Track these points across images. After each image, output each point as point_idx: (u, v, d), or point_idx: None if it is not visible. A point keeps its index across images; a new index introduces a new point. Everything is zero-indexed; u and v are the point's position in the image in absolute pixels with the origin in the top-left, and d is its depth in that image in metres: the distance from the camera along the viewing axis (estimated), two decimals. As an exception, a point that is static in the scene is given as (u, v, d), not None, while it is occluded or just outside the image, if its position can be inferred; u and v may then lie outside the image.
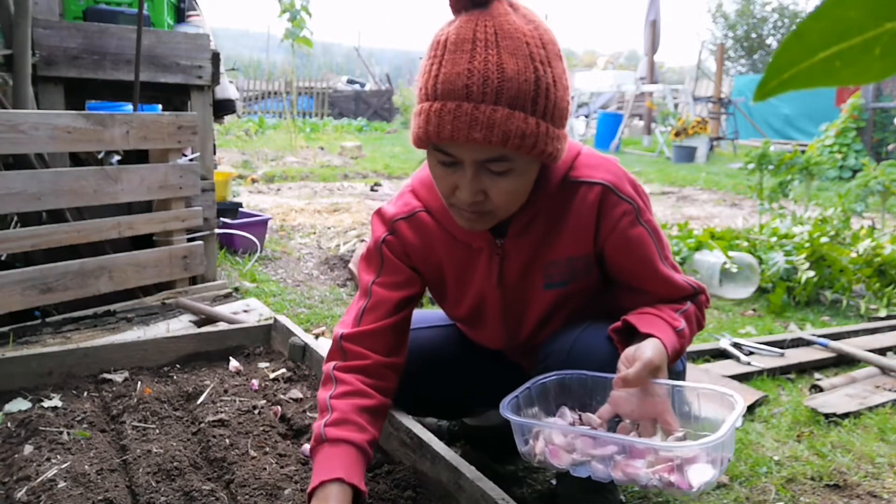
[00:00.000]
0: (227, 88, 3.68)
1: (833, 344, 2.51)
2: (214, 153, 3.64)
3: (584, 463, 1.12)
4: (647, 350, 1.14)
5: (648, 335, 1.18)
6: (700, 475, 1.05)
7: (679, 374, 1.41)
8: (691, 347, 2.53)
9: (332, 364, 1.33)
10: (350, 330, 1.34)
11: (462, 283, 1.39)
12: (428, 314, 1.68)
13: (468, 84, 1.06)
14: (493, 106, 1.06)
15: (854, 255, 3.36)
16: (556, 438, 1.14)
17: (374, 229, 1.39)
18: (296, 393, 1.82)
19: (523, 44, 1.08)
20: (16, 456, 1.44)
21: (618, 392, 1.14)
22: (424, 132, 1.11)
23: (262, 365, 2.01)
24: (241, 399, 1.74)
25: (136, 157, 3.03)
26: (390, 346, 1.34)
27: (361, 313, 1.35)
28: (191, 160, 2.91)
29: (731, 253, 3.38)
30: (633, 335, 1.23)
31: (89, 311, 2.57)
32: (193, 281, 2.94)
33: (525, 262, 1.32)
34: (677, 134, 10.87)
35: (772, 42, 24.52)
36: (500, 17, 1.09)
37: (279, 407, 1.72)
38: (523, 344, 1.45)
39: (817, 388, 2.19)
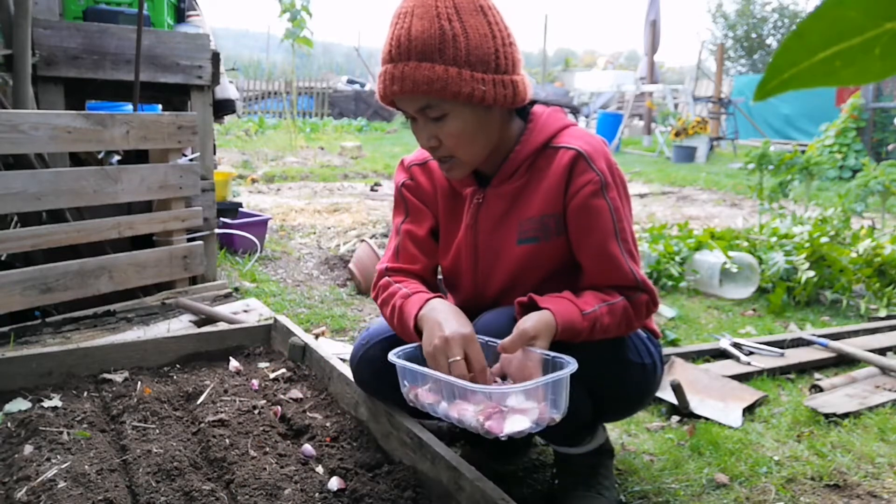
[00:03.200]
0: (227, 88, 3.68)
1: (833, 344, 2.51)
2: (214, 153, 3.64)
3: (437, 404, 1.27)
4: (527, 321, 1.25)
5: (544, 309, 1.28)
6: (514, 425, 1.18)
7: (641, 366, 1.44)
8: (691, 347, 2.53)
9: (382, 281, 1.50)
10: (392, 264, 1.52)
11: (450, 231, 1.51)
12: None
13: (390, 50, 1.29)
14: (406, 63, 1.26)
15: (854, 255, 3.36)
16: (425, 388, 1.30)
17: (396, 176, 1.58)
18: (296, 393, 1.82)
19: (432, 7, 1.27)
20: (16, 456, 1.44)
21: (505, 356, 1.28)
22: (377, 95, 1.34)
23: (262, 365, 2.01)
24: (241, 399, 1.74)
25: (136, 157, 3.03)
26: (426, 277, 1.52)
27: (397, 250, 1.53)
28: (191, 160, 2.91)
29: (731, 253, 3.38)
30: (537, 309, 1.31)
31: (89, 311, 2.57)
32: (193, 281, 2.94)
33: (501, 212, 1.43)
34: (677, 134, 10.87)
35: (772, 42, 24.52)
36: None
37: (279, 407, 1.72)
38: (490, 305, 1.48)
39: (817, 388, 2.19)
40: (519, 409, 1.20)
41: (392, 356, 1.32)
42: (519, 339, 1.24)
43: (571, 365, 1.21)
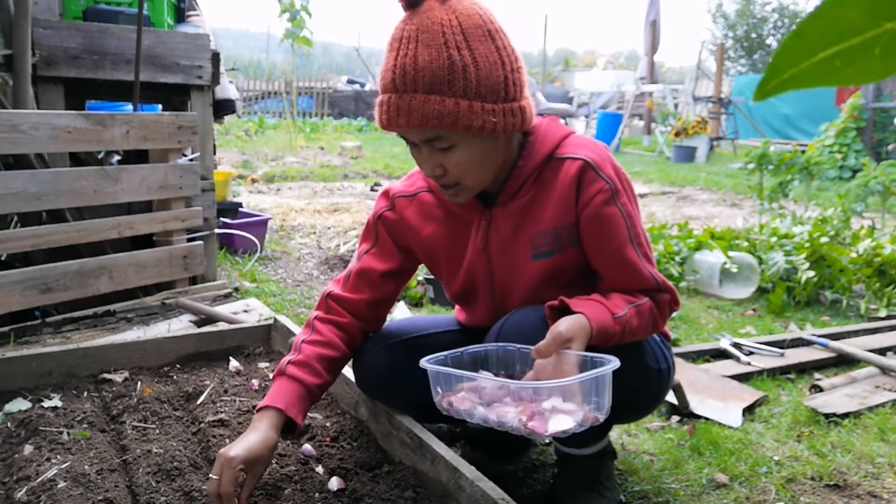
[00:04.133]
0: (227, 88, 3.68)
1: (833, 344, 2.51)
2: (214, 153, 3.64)
3: (474, 409, 1.26)
4: (561, 324, 1.22)
5: (577, 313, 1.26)
6: (557, 424, 1.17)
7: (658, 371, 1.43)
8: (691, 347, 2.53)
9: (315, 314, 1.52)
10: (337, 291, 1.52)
11: (456, 257, 1.48)
12: (440, 319, 1.69)
13: (393, 78, 1.23)
14: (413, 94, 1.21)
15: (854, 255, 3.36)
16: (459, 395, 1.29)
17: (377, 204, 1.54)
18: (296, 393, 1.82)
19: (439, 34, 1.21)
20: (16, 456, 1.44)
21: (539, 361, 1.23)
22: (378, 122, 1.29)
23: (262, 365, 2.01)
24: (241, 399, 1.74)
25: (136, 157, 3.03)
26: (367, 317, 1.52)
27: (349, 277, 1.52)
28: (191, 160, 2.91)
29: (731, 253, 3.38)
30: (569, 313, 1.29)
31: (89, 311, 2.57)
32: (193, 281, 2.94)
33: (511, 230, 1.40)
34: (677, 134, 10.87)
35: (772, 42, 24.52)
36: (424, 13, 1.23)
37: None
38: None
39: (817, 388, 2.19)
40: (562, 409, 1.18)
41: (424, 363, 1.29)
42: (554, 342, 1.20)
43: (613, 362, 1.18)
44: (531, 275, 1.40)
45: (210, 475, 1.25)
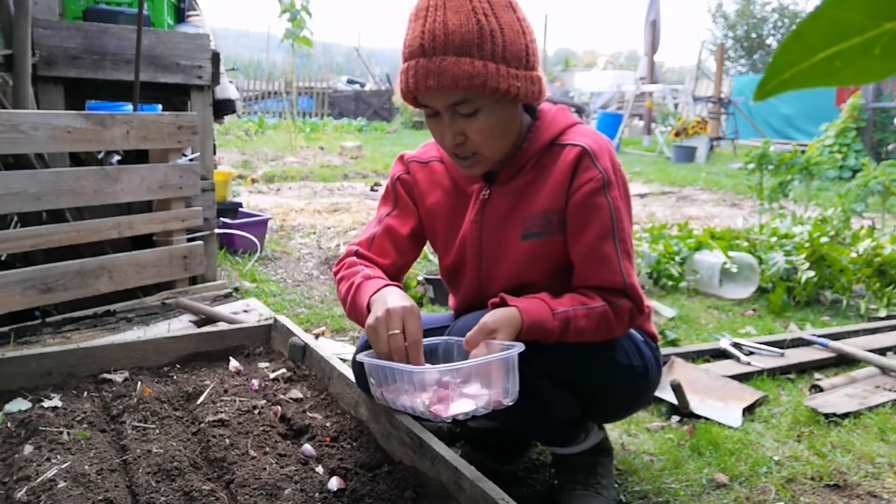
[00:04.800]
0: (227, 88, 3.68)
1: (833, 344, 2.51)
2: (214, 153, 3.64)
3: (398, 399, 1.31)
4: (489, 316, 1.28)
5: (511, 306, 1.30)
6: (458, 407, 1.23)
7: (630, 368, 1.44)
8: (691, 347, 2.53)
9: (351, 258, 1.52)
10: (364, 251, 1.53)
11: (454, 228, 1.51)
12: (439, 317, 1.70)
13: (422, 43, 1.26)
14: (443, 57, 1.24)
15: (854, 255, 3.36)
16: (391, 386, 1.34)
17: (393, 169, 1.58)
18: (296, 393, 1.82)
19: (467, 1, 1.26)
20: (16, 456, 1.44)
21: (474, 350, 1.28)
22: (402, 89, 1.32)
23: (262, 365, 2.01)
24: (241, 399, 1.74)
25: (136, 157, 3.03)
26: (392, 273, 1.52)
27: (373, 239, 1.54)
28: (191, 160, 2.91)
29: (731, 253, 3.38)
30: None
31: (89, 311, 2.57)
32: (193, 281, 2.94)
33: (507, 209, 1.43)
34: (677, 134, 10.87)
35: (772, 42, 24.52)
36: None
37: (279, 407, 1.72)
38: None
39: (817, 388, 2.19)
40: (468, 394, 1.25)
41: (362, 356, 1.34)
42: (479, 332, 1.26)
43: (515, 348, 1.23)
44: (517, 255, 1.42)
45: (390, 332, 1.26)
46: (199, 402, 1.73)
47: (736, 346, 2.53)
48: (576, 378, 1.40)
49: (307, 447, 1.52)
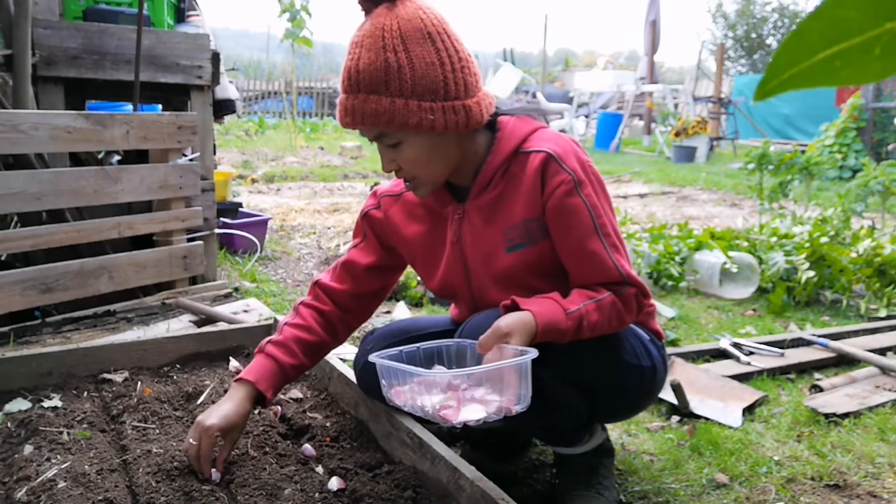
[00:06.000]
0: (227, 88, 3.68)
1: (833, 344, 2.51)
2: (214, 153, 3.64)
3: (409, 401, 1.31)
4: (502, 320, 1.27)
5: (525, 310, 1.29)
6: (468, 413, 1.23)
7: (638, 368, 1.44)
8: (691, 347, 2.53)
9: (301, 299, 1.62)
10: (325, 279, 1.62)
11: (435, 254, 1.52)
12: (439, 319, 1.70)
13: (343, 80, 1.32)
14: (356, 94, 1.30)
15: (854, 255, 3.36)
16: (403, 388, 1.32)
17: (366, 203, 1.63)
18: (296, 393, 1.82)
19: (379, 38, 1.29)
20: (16, 456, 1.44)
21: (486, 354, 1.28)
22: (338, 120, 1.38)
23: (262, 365, 2.01)
24: (241, 399, 1.74)
25: (136, 157, 3.03)
26: (350, 307, 1.60)
27: (336, 267, 1.62)
28: (191, 160, 2.91)
29: (731, 253, 3.38)
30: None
31: (89, 311, 2.57)
32: (193, 281, 2.94)
33: (483, 223, 1.43)
34: (677, 134, 10.87)
35: (772, 42, 24.51)
36: (372, 19, 1.31)
37: (279, 407, 1.72)
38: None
39: (817, 388, 2.19)
40: (479, 399, 1.25)
41: (374, 356, 1.35)
42: (492, 336, 1.25)
43: (529, 354, 1.22)
44: (505, 267, 1.42)
45: (189, 439, 1.38)
46: (199, 402, 1.74)
47: (736, 346, 2.53)
48: (584, 379, 1.39)
49: (307, 447, 1.52)
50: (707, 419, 1.98)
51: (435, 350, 1.40)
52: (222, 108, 3.63)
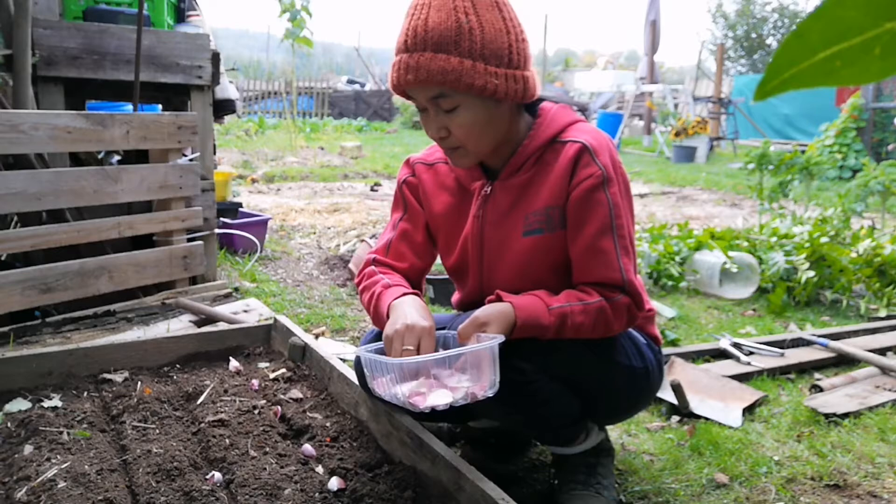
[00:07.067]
0: (227, 88, 3.68)
1: (833, 344, 2.51)
2: (214, 153, 3.63)
3: (388, 391, 1.32)
4: (481, 310, 1.30)
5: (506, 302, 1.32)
6: (435, 399, 1.26)
7: (630, 368, 1.44)
8: (691, 347, 2.53)
9: (370, 268, 1.54)
10: (381, 257, 1.55)
11: (458, 227, 1.52)
12: (440, 318, 1.70)
13: (405, 40, 1.31)
14: (421, 53, 1.28)
15: (854, 255, 3.36)
16: (385, 377, 1.35)
17: (400, 173, 1.61)
18: (296, 393, 1.82)
19: (450, 0, 1.28)
20: (16, 456, 1.44)
21: (466, 343, 1.30)
22: (390, 83, 1.36)
23: (262, 365, 2.01)
24: (241, 399, 1.74)
25: (136, 157, 3.03)
26: (410, 277, 1.54)
27: (389, 244, 1.56)
28: (191, 160, 2.91)
29: (731, 253, 3.38)
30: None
31: (89, 311, 2.57)
32: (193, 281, 2.94)
33: (508, 205, 1.44)
34: (677, 134, 10.87)
35: (772, 42, 24.51)
36: None
37: (279, 407, 1.72)
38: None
39: (817, 388, 2.19)
40: (448, 386, 1.28)
41: (360, 349, 1.37)
42: (470, 324, 1.28)
43: (496, 339, 1.24)
44: (519, 251, 1.43)
45: (405, 346, 1.29)
46: (199, 402, 1.74)
47: (736, 346, 2.53)
48: (574, 376, 1.40)
49: (307, 447, 1.52)
50: (707, 419, 1.98)
51: None
52: (222, 108, 3.63)
